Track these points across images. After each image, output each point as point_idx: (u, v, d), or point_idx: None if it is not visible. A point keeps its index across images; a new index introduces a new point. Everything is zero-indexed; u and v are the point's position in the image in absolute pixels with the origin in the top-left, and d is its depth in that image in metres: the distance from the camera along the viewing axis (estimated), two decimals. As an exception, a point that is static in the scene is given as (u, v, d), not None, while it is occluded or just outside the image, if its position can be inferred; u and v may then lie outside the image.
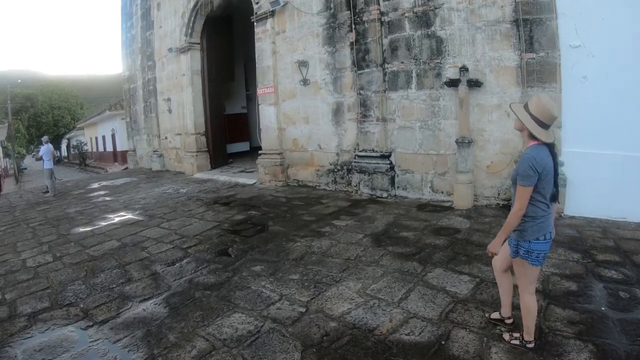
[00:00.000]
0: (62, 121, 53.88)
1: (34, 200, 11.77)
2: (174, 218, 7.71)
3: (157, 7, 15.45)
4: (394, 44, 7.96)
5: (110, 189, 12.57)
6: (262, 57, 10.54)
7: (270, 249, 5.57)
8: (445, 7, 7.15)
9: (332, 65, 9.04)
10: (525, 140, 2.76)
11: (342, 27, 8.80)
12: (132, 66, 18.73)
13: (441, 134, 7.44)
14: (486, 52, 6.74)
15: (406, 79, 7.83)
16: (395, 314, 3.51)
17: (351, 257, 5.00)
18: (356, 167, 8.63)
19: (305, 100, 9.71)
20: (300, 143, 9.96)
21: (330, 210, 7.51)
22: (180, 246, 5.90)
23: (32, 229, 7.84)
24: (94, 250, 6.00)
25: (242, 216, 7.51)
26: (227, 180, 11.84)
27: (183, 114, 14.26)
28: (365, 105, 8.40)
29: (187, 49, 13.52)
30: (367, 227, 6.21)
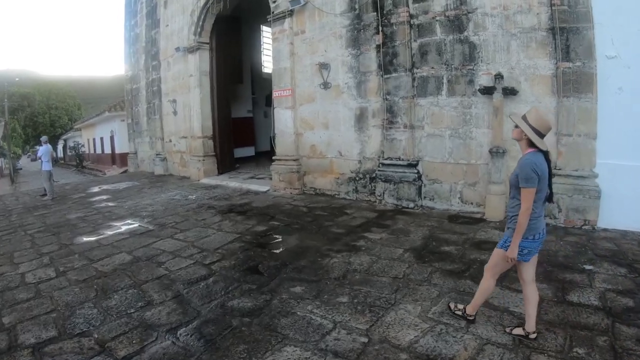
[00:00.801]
0: (59, 122, 53.51)
1: (31, 204, 11.15)
2: (187, 228, 7.15)
3: (164, 5, 14.95)
4: (423, 48, 7.66)
5: (112, 194, 11.98)
6: (279, 58, 10.10)
7: (305, 266, 5.06)
8: (479, 12, 6.92)
9: (356, 68, 8.63)
10: (523, 148, 3.04)
11: (367, 28, 8.41)
12: (135, 66, 18.22)
13: (472, 142, 7.17)
14: (521, 60, 6.54)
15: (436, 84, 7.53)
16: (468, 341, 3.17)
17: (398, 275, 4.59)
18: (381, 176, 8.23)
19: (325, 105, 9.28)
20: (319, 149, 9.50)
21: (358, 221, 7.09)
22: (202, 262, 5.35)
23: (30, 237, 7.22)
24: (103, 265, 5.40)
25: (263, 227, 7.00)
26: (237, 187, 11.30)
27: (190, 116, 13.73)
28: (392, 111, 8.05)
29: (196, 48, 13.03)
30: (404, 240, 5.86)
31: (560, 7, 6.08)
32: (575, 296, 3.84)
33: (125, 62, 19.34)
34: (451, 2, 7.29)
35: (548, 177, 2.94)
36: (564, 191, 6.11)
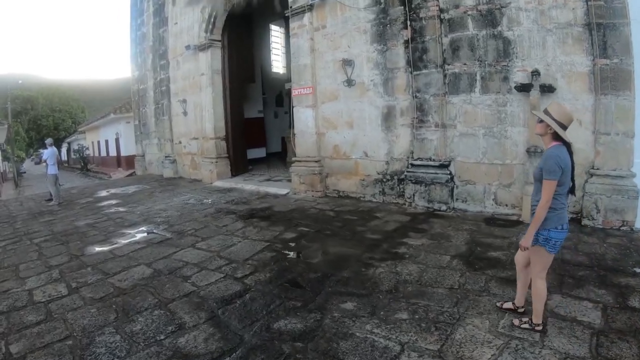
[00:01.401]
0: (63, 125, 53.63)
1: (37, 210, 10.77)
2: (209, 236, 6.75)
3: (172, 2, 14.56)
4: (455, 44, 7.37)
5: (121, 198, 11.60)
6: (299, 54, 9.74)
7: (349, 277, 4.66)
8: (512, 6, 6.69)
9: (383, 64, 8.27)
10: (547, 142, 3.10)
11: (394, 23, 8.06)
12: (142, 66, 17.89)
13: (507, 142, 6.91)
14: (557, 56, 6.35)
15: (469, 81, 7.24)
16: (548, 357, 2.92)
17: (454, 285, 4.26)
18: (410, 177, 7.89)
19: (349, 103, 8.91)
20: (343, 150, 9.13)
21: (392, 226, 6.73)
22: (233, 275, 4.93)
23: (36, 247, 6.80)
24: (120, 280, 4.94)
25: (292, 234, 6.60)
26: (254, 190, 10.92)
27: (201, 117, 13.36)
28: (422, 109, 7.72)
29: (208, 46, 12.66)
30: (447, 246, 5.55)
31: (596, 2, 5.92)
32: (637, 302, 3.69)
33: (131, 63, 19.00)
34: None
35: (571, 170, 3.00)
36: (602, 191, 5.95)
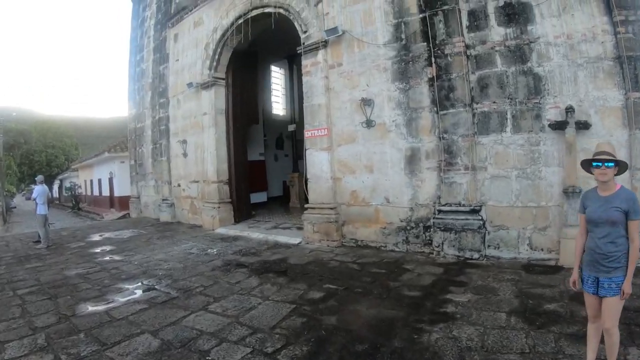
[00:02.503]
0: (56, 161, 53.90)
1: (23, 252, 10.19)
2: (222, 295, 6.16)
3: (174, 39, 14.52)
4: (483, 81, 7.25)
5: (116, 244, 11.01)
6: (312, 93, 9.51)
7: (403, 347, 4.10)
8: (541, 41, 6.77)
9: (405, 104, 8.05)
10: (612, 185, 3.03)
11: (417, 60, 7.92)
12: (140, 103, 17.72)
13: (542, 183, 6.77)
14: (589, 91, 6.39)
15: (499, 120, 7.08)
16: None
17: (524, 349, 3.84)
18: (439, 224, 7.51)
19: (368, 145, 8.62)
20: (361, 196, 8.74)
21: (427, 279, 6.29)
22: (262, 349, 4.28)
23: (20, 300, 6.15)
24: (122, 355, 4.22)
25: (318, 293, 6.04)
26: (262, 239, 10.42)
27: (202, 159, 13.02)
28: (450, 151, 7.46)
29: (211, 84, 12.47)
30: (497, 301, 5.17)
31: (625, 35, 6.03)
32: None
33: (129, 100, 18.88)
34: (510, 31, 7.07)
35: None
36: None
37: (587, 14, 6.49)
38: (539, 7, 6.83)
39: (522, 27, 6.96)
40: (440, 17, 7.66)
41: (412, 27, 8.05)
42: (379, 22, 8.45)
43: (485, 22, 7.34)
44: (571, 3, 6.61)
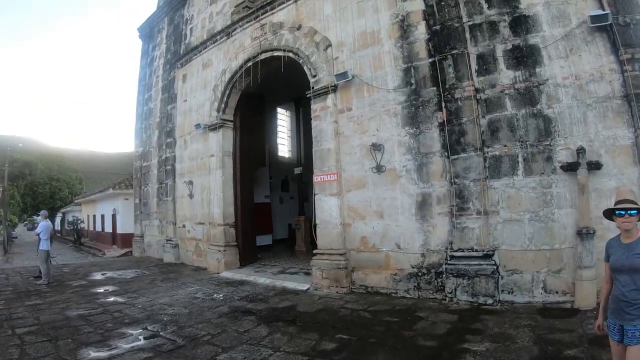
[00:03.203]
0: (59, 194, 54.05)
1: (23, 287, 10.11)
2: (230, 345, 6.02)
3: (182, 79, 14.86)
4: (493, 125, 7.37)
5: (119, 285, 10.90)
6: (321, 138, 9.61)
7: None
8: (550, 83, 6.94)
9: (416, 149, 8.13)
10: (634, 232, 3.04)
11: (427, 105, 8.06)
12: (146, 142, 17.97)
13: (555, 225, 6.78)
14: (599, 131, 6.52)
15: (511, 164, 7.16)
16: None
17: None
18: (451, 270, 7.43)
19: (378, 191, 8.64)
20: (371, 242, 8.69)
21: (442, 328, 6.18)
22: None
23: (19, 340, 6.02)
24: None
25: (331, 343, 5.90)
26: (269, 284, 10.30)
27: (209, 200, 13.07)
28: (461, 196, 7.47)
29: (219, 126, 12.67)
30: (517, 349, 5.07)
31: (632, 73, 6.18)
32: None
33: (135, 138, 19.15)
34: (519, 74, 7.23)
35: None
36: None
37: (593, 54, 6.66)
38: (547, 49, 7.03)
39: (531, 69, 7.12)
40: (450, 61, 7.83)
41: (422, 72, 8.23)
42: (389, 67, 8.64)
43: (494, 65, 7.51)
44: (578, 44, 6.80)
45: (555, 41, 6.98)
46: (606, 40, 6.58)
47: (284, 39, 10.85)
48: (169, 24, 17.11)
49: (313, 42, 10.01)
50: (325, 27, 9.93)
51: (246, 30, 12.25)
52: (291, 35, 10.63)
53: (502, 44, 7.48)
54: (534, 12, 7.27)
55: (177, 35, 16.10)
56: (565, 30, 6.93)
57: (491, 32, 7.66)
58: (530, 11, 7.32)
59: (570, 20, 6.94)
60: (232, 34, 12.77)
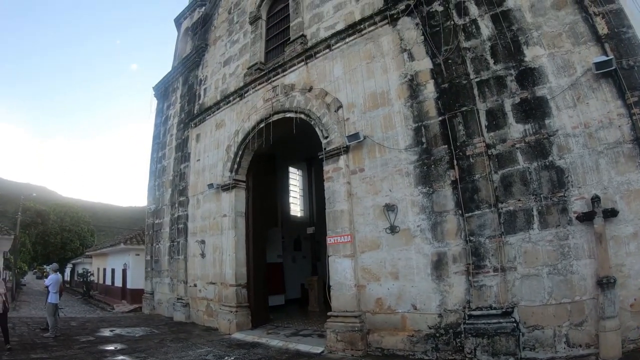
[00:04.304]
0: (70, 245, 54.16)
1: (29, 339, 10.03)
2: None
3: (196, 139, 15.27)
4: (506, 180, 7.46)
5: (127, 343, 10.73)
6: (334, 199, 9.70)
7: None
8: (560, 133, 7.07)
9: (429, 208, 8.17)
10: None
11: (439, 163, 8.19)
12: (159, 200, 18.23)
13: (574, 277, 6.70)
14: (613, 177, 6.56)
15: (526, 218, 7.18)
16: None
17: None
18: (470, 330, 7.28)
19: (392, 252, 8.62)
20: (387, 303, 8.59)
21: None
22: None
23: None
24: None
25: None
26: (283, 347, 10.12)
27: (221, 261, 13.10)
28: (477, 254, 7.44)
29: (232, 186, 12.89)
30: None
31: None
32: None
33: (148, 195, 19.44)
34: (529, 127, 7.40)
35: None
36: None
37: (601, 100, 6.80)
38: (554, 100, 7.20)
39: (540, 121, 7.27)
40: (460, 118, 8.03)
41: (432, 130, 8.42)
42: (399, 127, 8.87)
43: (503, 120, 7.69)
44: (585, 92, 6.96)
45: (562, 91, 7.17)
46: (612, 85, 6.74)
47: (295, 101, 11.23)
48: (184, 84, 17.85)
49: (324, 104, 10.35)
50: (335, 89, 10.31)
51: (258, 92, 12.74)
52: (302, 97, 11.02)
53: (510, 98, 7.69)
54: (539, 64, 7.53)
55: (191, 95, 16.74)
56: (571, 79, 7.13)
57: (499, 87, 7.89)
58: (535, 63, 7.58)
59: (575, 69, 7.15)
60: (244, 96, 13.27)
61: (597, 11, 7.10)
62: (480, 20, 8.49)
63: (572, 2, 7.46)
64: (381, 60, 9.64)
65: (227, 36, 15.74)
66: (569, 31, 7.37)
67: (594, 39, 7.10)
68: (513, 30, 7.97)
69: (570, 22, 7.39)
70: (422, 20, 9.20)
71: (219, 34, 16.48)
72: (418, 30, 9.22)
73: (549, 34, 7.58)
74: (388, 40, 9.68)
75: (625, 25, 6.86)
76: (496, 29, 8.20)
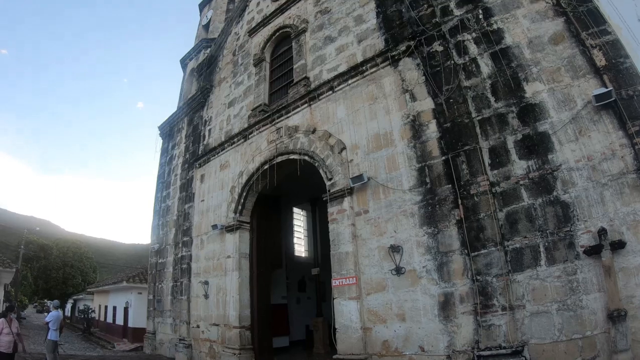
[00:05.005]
0: (72, 281, 54.01)
1: None
2: None
3: (200, 179, 15.40)
4: (511, 217, 7.46)
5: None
6: (339, 241, 9.67)
7: None
8: (563, 168, 7.09)
9: (435, 248, 8.15)
10: None
11: (443, 203, 8.21)
12: (163, 239, 18.18)
13: (584, 312, 6.56)
14: (618, 209, 6.51)
15: (533, 255, 7.13)
16: None
17: None
18: (480, 370, 7.17)
19: (399, 293, 8.54)
20: (394, 346, 8.44)
21: None
22: None
23: None
24: None
25: None
26: (287, 391, 9.96)
27: (224, 302, 12.97)
28: (484, 293, 7.36)
29: (236, 227, 12.91)
30: None
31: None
32: None
33: (152, 234, 19.39)
34: (532, 163, 7.45)
35: None
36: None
37: (602, 132, 6.84)
38: (556, 135, 7.26)
39: (543, 157, 7.32)
40: (463, 157, 8.11)
41: (436, 170, 8.49)
42: (403, 167, 8.95)
43: (506, 157, 7.75)
44: (586, 124, 7.03)
45: (563, 125, 7.24)
46: (612, 116, 6.79)
47: (299, 143, 11.39)
48: (189, 125, 18.16)
49: (328, 145, 10.49)
50: (339, 130, 10.48)
51: (262, 133, 12.94)
52: (306, 139, 11.18)
53: (512, 134, 7.78)
54: (540, 99, 7.64)
55: (196, 136, 16.99)
56: (572, 113, 7.21)
57: (500, 125, 7.99)
58: (536, 99, 7.69)
59: (575, 102, 7.24)
60: (248, 137, 13.48)
61: (594, 43, 7.26)
62: (480, 58, 8.69)
63: (569, 36, 7.65)
64: (383, 102, 9.83)
65: (232, 78, 16.13)
66: (568, 65, 7.52)
67: (592, 71, 7.22)
68: (512, 67, 8.15)
69: (568, 56, 7.55)
70: (422, 60, 9.42)
71: (223, 75, 16.89)
72: (419, 71, 9.44)
73: (548, 69, 7.73)
74: (390, 81, 9.89)
75: (622, 55, 6.99)
76: (496, 67, 8.38)
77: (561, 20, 7.85)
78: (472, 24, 9.04)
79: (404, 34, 9.99)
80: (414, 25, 9.87)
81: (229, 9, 21.89)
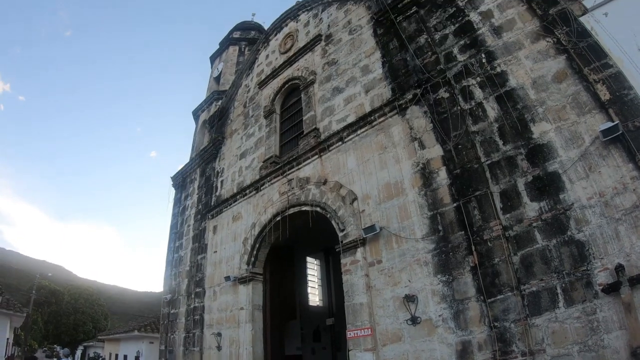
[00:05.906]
0: (83, 327, 54.06)
1: None
2: None
3: (212, 230, 15.54)
4: (526, 260, 7.38)
5: None
6: (353, 292, 9.62)
7: None
8: (576, 206, 7.04)
9: (450, 296, 8.10)
10: None
11: (457, 250, 8.21)
12: (175, 290, 18.11)
13: (607, 351, 6.35)
14: (634, 243, 6.36)
15: (550, 297, 7.00)
16: None
17: None
18: (503, 419, 6.99)
19: (415, 343, 8.41)
20: (412, 398, 8.32)
21: None
22: None
23: None
24: None
25: None
26: None
27: (237, 354, 12.78)
28: (503, 339, 7.24)
29: (249, 279, 12.92)
30: None
31: None
32: None
33: (164, 285, 19.34)
34: (544, 204, 7.42)
35: None
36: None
37: (612, 167, 6.83)
38: (567, 174, 7.28)
39: (555, 197, 7.31)
40: (474, 203, 8.18)
41: (448, 217, 8.54)
42: (415, 216, 9.02)
43: (518, 200, 7.77)
44: (595, 160, 7.04)
45: (573, 164, 7.27)
46: (621, 149, 6.79)
47: (310, 194, 11.57)
48: (201, 176, 18.50)
49: (339, 196, 10.64)
50: (350, 181, 10.65)
51: (274, 185, 13.18)
52: (317, 190, 11.36)
53: (523, 177, 7.83)
54: (548, 139, 7.73)
55: (208, 187, 17.29)
56: (581, 150, 7.25)
57: (510, 168, 8.07)
58: (543, 139, 7.78)
59: (583, 139, 7.29)
60: (260, 189, 13.72)
61: (597, 78, 7.37)
62: (486, 102, 8.88)
63: (572, 73, 7.79)
64: (393, 151, 10.03)
65: (243, 129, 16.57)
66: (573, 102, 7.62)
67: (597, 106, 7.28)
68: (518, 109, 8.29)
69: (573, 93, 7.67)
70: (429, 107, 9.65)
71: (235, 127, 17.35)
72: (427, 118, 9.66)
73: (553, 107, 7.84)
74: (398, 130, 10.13)
75: (626, 87, 7.05)
76: (502, 110, 8.53)
77: (563, 58, 8.06)
78: (476, 69, 9.29)
79: (410, 82, 10.30)
80: (419, 73, 10.18)
81: (239, 61, 22.64)
